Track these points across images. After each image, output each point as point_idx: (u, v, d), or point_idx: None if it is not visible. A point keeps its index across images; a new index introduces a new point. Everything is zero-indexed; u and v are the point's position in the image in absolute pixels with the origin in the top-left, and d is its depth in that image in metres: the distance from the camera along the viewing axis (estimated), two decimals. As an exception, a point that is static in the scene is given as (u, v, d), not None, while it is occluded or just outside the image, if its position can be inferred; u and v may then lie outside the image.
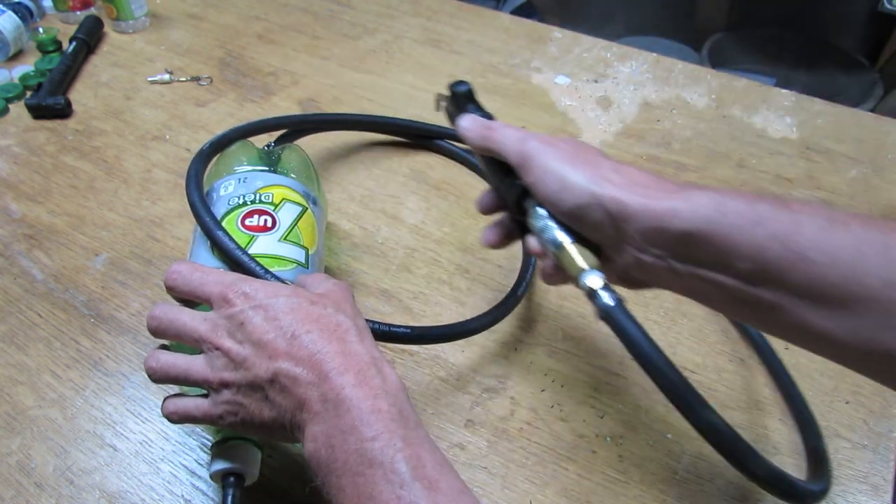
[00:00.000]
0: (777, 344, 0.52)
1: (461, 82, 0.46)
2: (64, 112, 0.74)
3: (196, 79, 0.80)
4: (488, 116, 0.45)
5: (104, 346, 0.51)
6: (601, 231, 0.36)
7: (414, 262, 0.59)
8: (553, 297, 0.56)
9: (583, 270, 0.36)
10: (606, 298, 0.34)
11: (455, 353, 0.51)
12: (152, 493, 0.42)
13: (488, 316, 0.49)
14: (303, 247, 0.45)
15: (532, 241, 0.40)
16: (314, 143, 0.69)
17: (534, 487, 0.44)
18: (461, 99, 0.46)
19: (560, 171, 0.36)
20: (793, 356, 0.52)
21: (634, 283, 0.39)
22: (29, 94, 0.76)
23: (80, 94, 0.78)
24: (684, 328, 0.54)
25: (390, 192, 0.66)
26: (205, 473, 0.43)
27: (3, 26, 0.81)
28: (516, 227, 0.44)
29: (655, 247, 0.34)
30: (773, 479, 0.34)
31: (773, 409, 0.49)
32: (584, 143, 0.39)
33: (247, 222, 0.44)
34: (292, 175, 0.49)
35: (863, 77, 1.53)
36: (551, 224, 0.38)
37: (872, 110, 1.37)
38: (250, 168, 0.48)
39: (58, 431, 0.46)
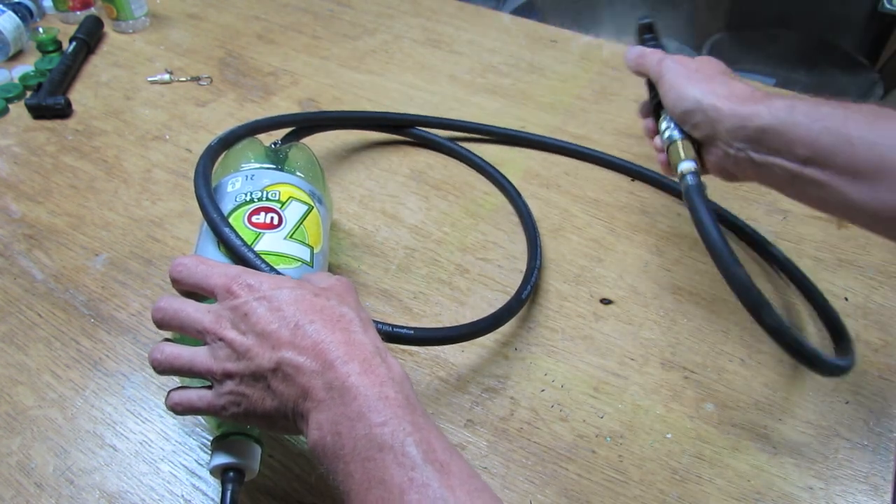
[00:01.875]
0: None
1: (644, 16, 0.62)
2: (64, 112, 0.74)
3: (196, 79, 0.80)
4: (659, 45, 0.59)
5: (104, 346, 0.51)
6: (701, 129, 0.48)
7: (414, 262, 0.59)
8: (553, 297, 0.56)
9: (681, 160, 0.49)
10: (690, 180, 0.48)
11: (455, 353, 0.51)
12: (152, 493, 0.42)
13: (491, 319, 0.49)
14: (308, 245, 0.45)
15: (657, 140, 0.54)
16: (314, 143, 0.69)
17: (534, 487, 0.44)
18: (641, 29, 0.61)
19: (679, 84, 0.49)
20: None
21: (727, 174, 0.50)
22: (29, 94, 0.76)
23: (80, 94, 0.78)
24: (684, 328, 0.54)
25: (390, 192, 0.66)
26: (205, 473, 0.43)
27: (3, 26, 0.81)
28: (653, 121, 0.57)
29: (739, 140, 0.45)
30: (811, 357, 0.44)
31: (773, 409, 0.49)
32: (711, 60, 0.51)
33: (253, 219, 0.44)
34: (299, 173, 0.49)
35: (863, 77, 1.53)
36: (669, 124, 0.51)
37: (872, 110, 1.36)
38: (258, 165, 0.48)
39: (58, 431, 0.46)
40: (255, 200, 0.45)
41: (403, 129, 0.71)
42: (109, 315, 0.53)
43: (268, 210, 0.44)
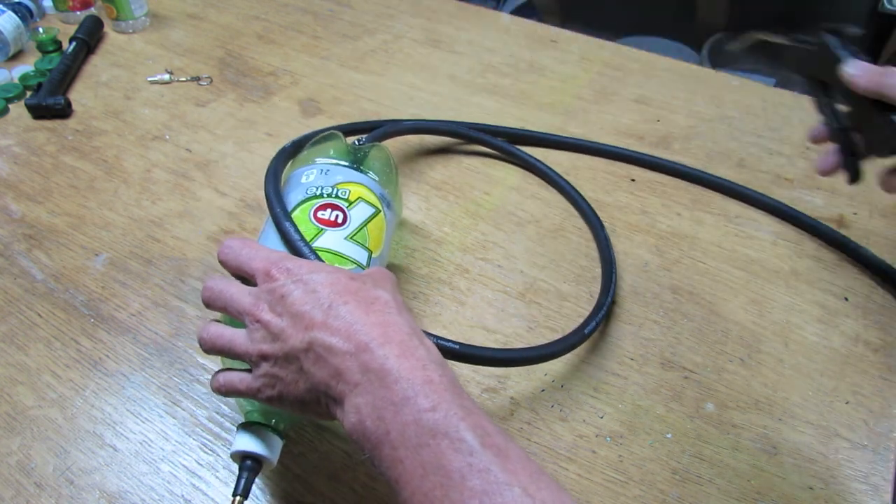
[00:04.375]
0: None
1: (831, 30, 0.54)
2: (64, 112, 0.74)
3: (196, 79, 0.80)
4: (856, 51, 0.51)
5: (104, 346, 0.51)
6: None
7: (414, 262, 0.59)
8: (553, 297, 0.56)
9: None
10: None
11: (455, 353, 0.51)
12: (152, 493, 0.42)
13: (547, 348, 0.47)
14: (367, 249, 0.45)
15: (883, 174, 0.49)
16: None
17: (534, 487, 0.44)
18: (833, 41, 0.53)
19: None
20: (793, 356, 0.52)
21: None
22: (29, 94, 0.76)
23: (80, 94, 0.78)
24: (684, 328, 0.54)
25: (390, 192, 0.66)
26: (205, 473, 0.43)
27: (3, 26, 0.81)
28: (848, 161, 0.51)
29: None
30: None
31: (773, 409, 0.49)
32: None
33: (319, 215, 0.44)
34: (373, 175, 0.49)
35: (863, 77, 1.52)
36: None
37: (872, 110, 1.36)
38: (334, 161, 0.49)
39: (58, 431, 0.46)
40: (325, 196, 0.45)
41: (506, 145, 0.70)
42: (109, 315, 0.53)
43: (334, 207, 0.45)
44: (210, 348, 0.37)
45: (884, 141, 0.48)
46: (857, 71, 0.49)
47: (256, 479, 0.39)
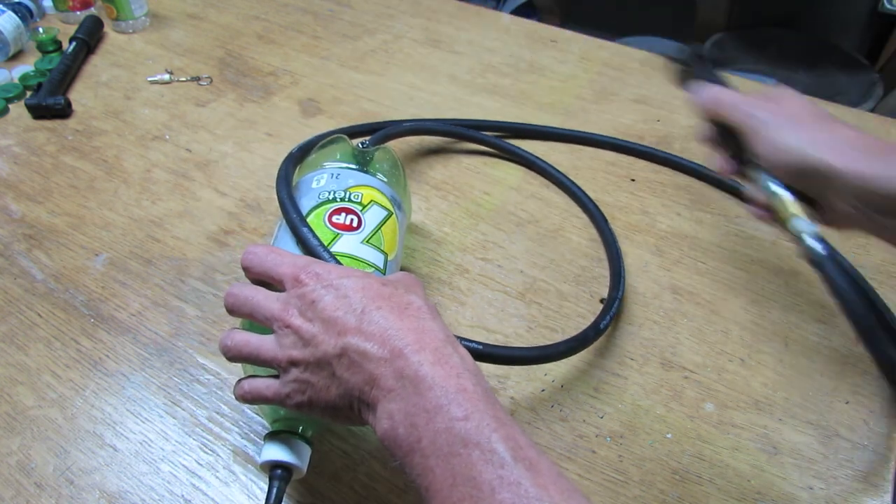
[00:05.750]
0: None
1: (686, 45, 0.55)
2: (64, 112, 0.74)
3: (196, 79, 0.80)
4: (715, 77, 0.52)
5: (104, 346, 0.51)
6: (809, 187, 0.42)
7: (414, 262, 0.58)
8: (553, 297, 0.56)
9: (797, 219, 0.43)
10: (821, 250, 0.42)
11: (455, 353, 0.51)
12: (152, 493, 0.42)
13: (563, 346, 0.47)
14: (383, 252, 0.45)
15: (750, 188, 0.48)
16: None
17: (534, 487, 0.44)
18: (690, 59, 0.54)
19: (775, 138, 0.43)
20: (793, 356, 0.52)
21: (831, 222, 0.45)
22: (29, 94, 0.76)
23: (80, 94, 0.78)
24: (684, 328, 0.54)
25: (390, 192, 0.66)
26: (205, 473, 0.43)
27: (3, 26, 0.81)
28: (734, 164, 0.50)
29: (861, 203, 0.40)
30: None
31: (773, 409, 0.49)
32: (795, 96, 0.45)
33: (334, 219, 0.44)
34: (382, 177, 0.49)
35: (863, 77, 1.53)
36: (766, 176, 0.45)
37: (872, 110, 1.37)
38: (344, 165, 0.48)
39: (58, 431, 0.46)
40: (338, 200, 0.45)
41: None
42: (109, 315, 0.53)
43: (349, 211, 0.45)
44: (235, 356, 0.37)
45: (740, 162, 0.49)
46: (701, 96, 0.50)
47: (256, 480, 0.39)
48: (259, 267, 0.37)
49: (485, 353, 0.42)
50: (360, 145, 0.53)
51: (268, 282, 0.38)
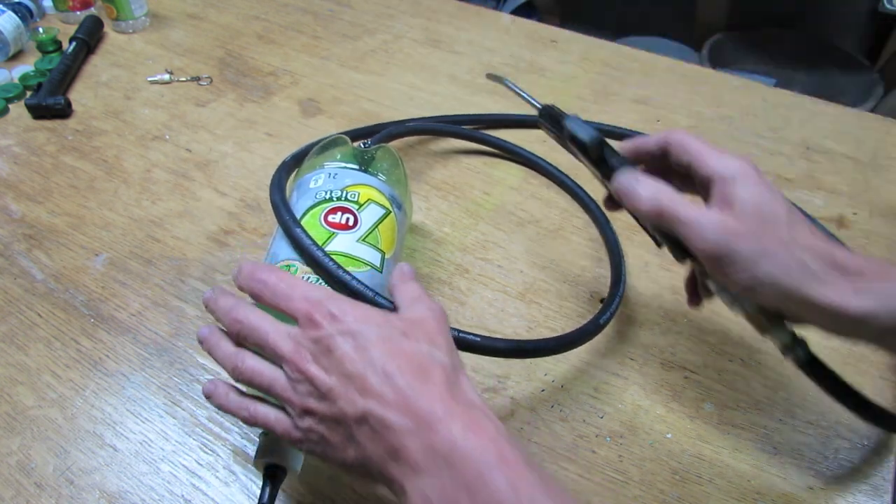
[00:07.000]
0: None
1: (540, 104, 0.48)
2: (64, 112, 0.74)
3: (196, 79, 0.80)
4: (573, 136, 0.45)
5: (104, 346, 0.51)
6: (779, 309, 0.38)
7: (414, 262, 0.58)
8: (553, 297, 0.56)
9: (779, 332, 0.40)
10: (803, 355, 0.41)
11: (455, 353, 0.51)
12: (152, 493, 0.42)
13: (567, 339, 0.47)
14: (380, 250, 0.45)
15: (719, 295, 0.41)
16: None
17: (534, 487, 0.44)
18: (546, 118, 0.47)
19: (748, 269, 0.36)
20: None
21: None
22: (29, 94, 0.76)
23: (80, 94, 0.78)
24: (684, 328, 0.54)
25: (390, 192, 0.66)
26: (205, 473, 0.43)
27: (3, 26, 0.81)
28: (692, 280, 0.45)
29: (834, 331, 0.36)
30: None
31: (773, 409, 0.49)
32: (771, 215, 0.36)
33: (329, 218, 0.44)
34: (381, 176, 0.49)
35: (863, 77, 1.53)
36: (734, 298, 0.39)
37: (872, 110, 1.37)
38: (342, 164, 0.48)
39: (58, 431, 0.46)
40: (334, 199, 0.45)
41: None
42: (109, 315, 0.53)
43: (344, 210, 0.45)
44: (245, 382, 0.35)
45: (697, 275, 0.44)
46: (638, 195, 0.40)
47: (256, 480, 0.39)
48: (270, 299, 0.35)
49: (482, 346, 0.41)
50: (363, 145, 0.53)
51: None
